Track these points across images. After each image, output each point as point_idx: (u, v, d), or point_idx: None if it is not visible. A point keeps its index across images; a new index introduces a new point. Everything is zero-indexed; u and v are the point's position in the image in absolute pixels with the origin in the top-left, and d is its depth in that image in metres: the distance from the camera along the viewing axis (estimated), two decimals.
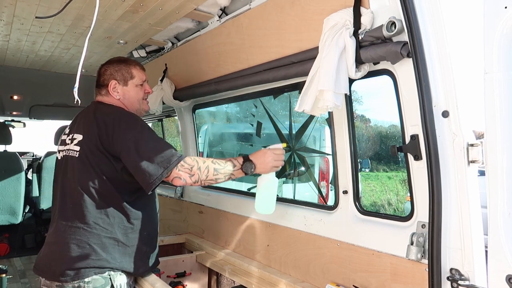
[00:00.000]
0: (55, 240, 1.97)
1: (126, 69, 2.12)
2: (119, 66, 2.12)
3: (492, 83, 1.24)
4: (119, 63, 2.14)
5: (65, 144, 2.06)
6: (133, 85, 2.13)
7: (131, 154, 1.84)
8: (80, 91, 1.66)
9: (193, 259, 2.86)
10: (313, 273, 2.12)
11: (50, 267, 1.92)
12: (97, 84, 2.15)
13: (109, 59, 2.21)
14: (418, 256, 1.53)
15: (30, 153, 7.13)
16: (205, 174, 1.88)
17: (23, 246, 5.33)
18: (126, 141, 1.86)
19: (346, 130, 1.94)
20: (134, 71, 2.14)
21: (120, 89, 2.10)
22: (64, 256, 1.89)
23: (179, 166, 1.84)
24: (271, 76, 2.15)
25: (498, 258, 1.25)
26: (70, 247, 1.88)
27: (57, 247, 1.94)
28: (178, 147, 3.17)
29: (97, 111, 2.03)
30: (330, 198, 4.51)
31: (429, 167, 1.42)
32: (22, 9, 2.41)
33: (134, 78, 2.13)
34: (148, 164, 1.81)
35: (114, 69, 2.11)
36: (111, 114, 1.97)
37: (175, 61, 3.13)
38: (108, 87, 2.09)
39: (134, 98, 2.14)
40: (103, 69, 2.14)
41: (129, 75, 2.12)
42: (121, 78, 2.11)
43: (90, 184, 1.91)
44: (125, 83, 2.11)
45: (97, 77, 2.16)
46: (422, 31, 1.42)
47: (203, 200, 3.13)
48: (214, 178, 1.91)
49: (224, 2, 2.38)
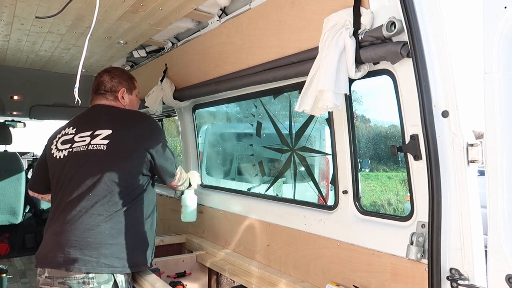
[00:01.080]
0: (61, 230, 1.97)
1: (130, 81, 2.38)
2: (124, 77, 2.35)
3: (492, 83, 1.23)
4: (123, 73, 2.39)
5: (73, 142, 2.11)
6: (135, 95, 2.41)
7: (162, 154, 2.20)
8: (80, 91, 1.66)
9: (193, 259, 2.86)
10: (313, 273, 2.12)
11: (56, 258, 1.93)
12: (103, 90, 2.28)
13: (109, 68, 2.42)
14: (418, 256, 1.53)
15: (30, 153, 7.13)
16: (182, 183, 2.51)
17: (23, 246, 5.32)
18: (161, 143, 2.20)
19: (346, 130, 1.94)
20: (136, 84, 2.42)
21: (127, 97, 2.33)
22: (77, 247, 1.92)
23: (178, 168, 2.42)
24: (271, 76, 2.15)
25: (497, 258, 1.25)
26: (84, 239, 1.93)
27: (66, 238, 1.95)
28: (178, 147, 3.17)
29: (122, 111, 2.27)
30: (329, 199, 4.51)
31: (429, 167, 1.42)
32: (22, 9, 2.41)
33: (136, 89, 2.41)
34: (171, 163, 2.28)
35: (122, 78, 2.33)
36: (147, 118, 2.31)
37: (175, 61, 3.13)
38: (117, 93, 2.29)
39: (135, 107, 2.43)
40: (108, 76, 2.30)
41: (133, 86, 2.39)
42: (128, 87, 2.34)
43: (116, 177, 2.03)
44: (130, 92, 2.36)
45: (99, 84, 2.29)
46: (422, 31, 1.42)
47: (203, 200, 3.13)
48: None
49: (224, 2, 2.38)
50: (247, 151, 4.52)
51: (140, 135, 2.16)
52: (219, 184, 4.68)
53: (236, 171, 5.12)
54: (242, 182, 4.42)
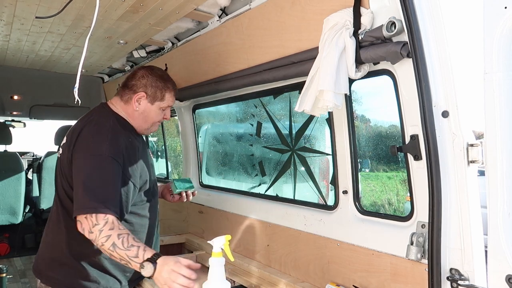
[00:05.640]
0: (49, 241, 1.99)
1: (162, 89, 2.00)
2: (157, 83, 1.99)
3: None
4: (159, 78, 2.01)
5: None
6: (158, 107, 2.02)
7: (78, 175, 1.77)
8: (80, 91, 1.66)
9: (193, 259, 2.86)
10: (313, 273, 2.12)
11: (46, 272, 1.95)
12: (125, 84, 2.03)
13: (153, 67, 2.08)
14: (418, 256, 1.53)
15: (30, 153, 7.13)
16: (101, 241, 1.64)
17: (23, 246, 5.33)
18: (81, 159, 1.79)
19: (346, 130, 1.94)
20: (168, 95, 2.03)
21: (143, 104, 1.99)
22: (54, 263, 1.92)
23: (88, 216, 1.66)
24: (271, 76, 2.15)
25: (498, 258, 1.25)
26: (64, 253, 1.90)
27: (49, 251, 1.97)
28: (178, 147, 3.17)
29: (87, 116, 1.97)
30: (329, 199, 4.49)
31: (429, 167, 1.42)
32: (22, 9, 2.41)
33: (164, 101, 2.02)
34: (82, 196, 1.71)
35: (151, 82, 1.98)
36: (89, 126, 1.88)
37: (175, 61, 3.13)
38: (134, 95, 1.98)
39: (151, 119, 2.03)
40: (140, 73, 2.01)
41: (161, 96, 2.01)
42: (152, 94, 1.99)
43: (63, 190, 1.90)
44: (152, 101, 2.00)
45: (130, 76, 2.04)
46: (422, 31, 1.42)
47: (203, 200, 3.13)
48: (108, 251, 1.65)
49: (224, 2, 2.38)
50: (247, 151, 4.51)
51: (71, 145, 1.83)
52: (219, 184, 4.69)
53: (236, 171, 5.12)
54: (242, 182, 4.41)
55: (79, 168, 1.77)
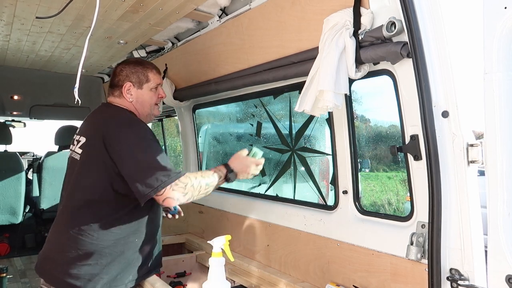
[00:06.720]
0: (54, 240, 1.98)
1: (142, 72, 2.06)
2: (135, 68, 2.06)
3: (491, 83, 1.24)
4: (136, 64, 2.08)
5: (73, 145, 2.06)
6: (148, 89, 2.07)
7: (128, 162, 1.80)
8: (80, 91, 1.66)
9: (193, 259, 2.86)
10: (313, 273, 2.12)
11: (51, 271, 1.93)
12: (111, 84, 2.10)
13: (126, 59, 2.17)
14: (418, 256, 1.53)
15: (30, 153, 7.12)
16: (198, 190, 1.84)
17: (24, 246, 5.32)
18: (126, 147, 1.81)
19: (346, 130, 1.94)
20: (150, 75, 2.08)
21: (134, 92, 2.04)
22: (63, 263, 1.89)
23: (173, 185, 1.75)
24: (271, 76, 2.15)
25: (497, 258, 1.25)
26: (69, 254, 1.88)
27: (56, 251, 1.95)
28: (178, 147, 3.16)
29: (103, 113, 2.03)
30: (329, 199, 4.49)
31: (428, 167, 1.42)
32: (23, 9, 2.41)
33: (150, 81, 2.07)
34: (145, 175, 1.75)
35: (130, 70, 2.05)
36: (115, 117, 1.95)
37: (175, 61, 3.13)
38: (122, 88, 2.03)
39: (147, 102, 2.08)
40: (118, 69, 2.08)
41: (145, 78, 2.06)
42: (136, 80, 2.05)
43: (88, 189, 1.89)
44: (140, 86, 2.05)
45: (112, 76, 2.12)
46: (422, 31, 1.42)
47: (203, 200, 3.12)
48: (205, 192, 1.88)
49: (224, 2, 2.38)
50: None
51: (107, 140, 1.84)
52: None
53: None
54: (242, 182, 4.41)
55: (131, 156, 1.81)
